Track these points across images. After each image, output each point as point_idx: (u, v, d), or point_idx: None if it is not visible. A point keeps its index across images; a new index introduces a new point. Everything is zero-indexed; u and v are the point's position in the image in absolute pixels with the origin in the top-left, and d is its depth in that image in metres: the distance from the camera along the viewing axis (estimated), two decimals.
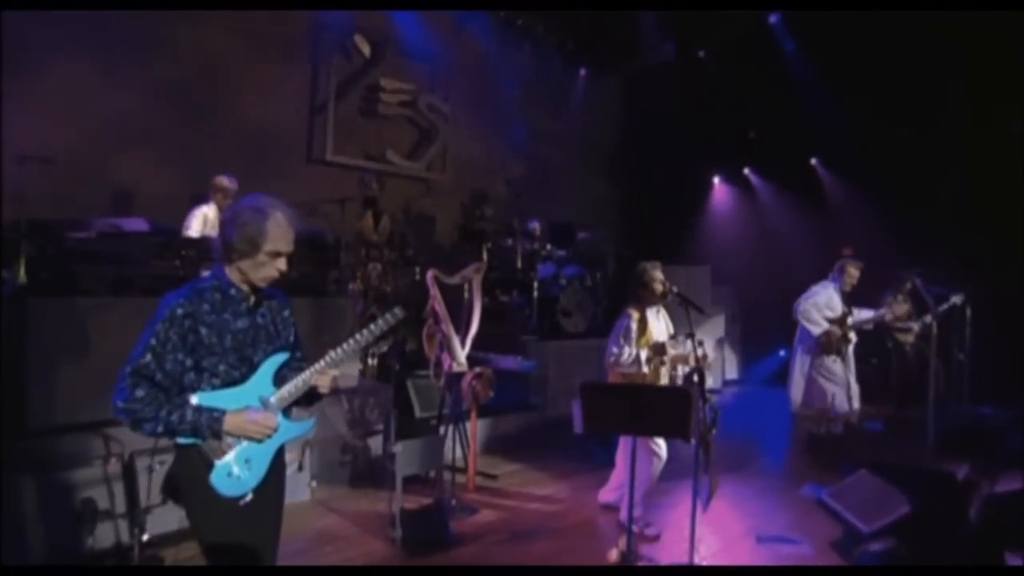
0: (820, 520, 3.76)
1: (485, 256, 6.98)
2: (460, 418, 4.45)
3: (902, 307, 5.32)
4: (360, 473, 4.52)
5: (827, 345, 5.28)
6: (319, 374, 1.95)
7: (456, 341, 3.94)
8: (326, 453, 4.45)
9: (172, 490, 1.93)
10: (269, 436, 1.88)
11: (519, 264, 6.79)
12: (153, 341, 1.80)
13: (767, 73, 8.43)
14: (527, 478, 4.69)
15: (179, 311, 1.82)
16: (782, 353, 9.20)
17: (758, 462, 5.27)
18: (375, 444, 4.63)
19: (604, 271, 7.67)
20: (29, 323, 3.37)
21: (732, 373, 8.95)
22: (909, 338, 6.84)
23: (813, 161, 8.61)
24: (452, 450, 4.15)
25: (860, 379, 5.41)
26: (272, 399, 1.92)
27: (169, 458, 3.29)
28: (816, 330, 5.30)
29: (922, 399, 6.85)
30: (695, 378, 3.14)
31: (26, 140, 4.76)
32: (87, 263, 3.74)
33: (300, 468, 4.02)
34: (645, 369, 3.54)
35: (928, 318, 6.63)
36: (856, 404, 5.43)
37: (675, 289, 3.60)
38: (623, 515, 3.74)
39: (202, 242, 4.12)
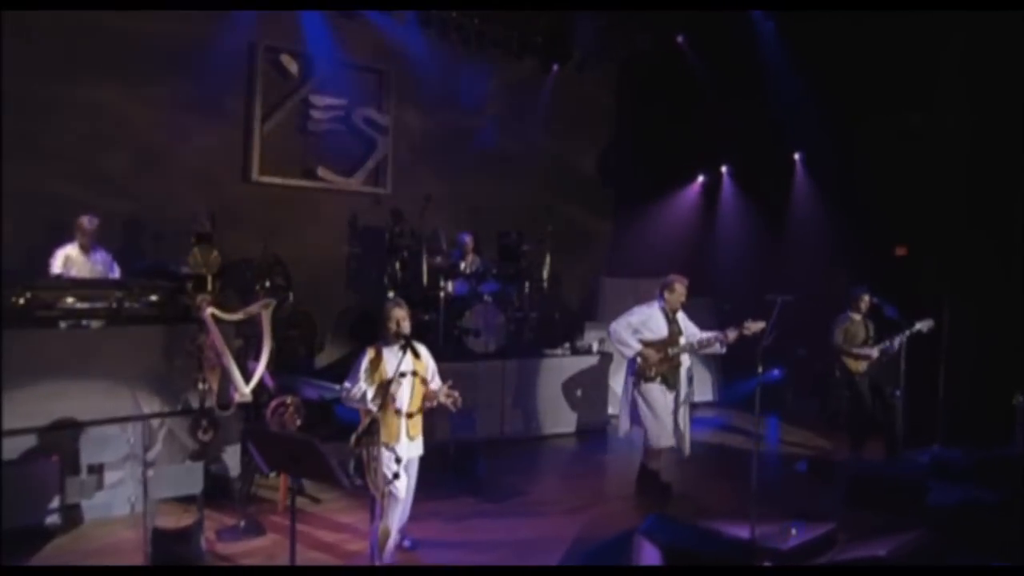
0: None
1: (399, 270, 7.50)
2: None
3: (755, 326, 5.10)
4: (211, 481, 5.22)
5: (643, 369, 5.24)
6: None
7: (236, 373, 4.50)
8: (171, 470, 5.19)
9: None
10: None
11: (425, 281, 7.21)
12: None
13: (750, 62, 8.14)
14: (352, 505, 5.14)
15: None
16: (775, 373, 8.86)
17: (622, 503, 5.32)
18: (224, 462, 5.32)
19: (536, 286, 7.88)
20: None
21: (706, 394, 8.74)
22: (861, 367, 6.43)
23: (796, 156, 8.17)
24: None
25: (829, 413, 5.21)
26: None
27: None
28: (627, 352, 5.28)
29: (878, 436, 6.46)
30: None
31: None
32: None
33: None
34: (372, 406, 3.83)
35: (888, 344, 6.24)
36: (676, 440, 5.34)
37: (405, 332, 3.91)
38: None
39: (53, 280, 5.01)
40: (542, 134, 9.73)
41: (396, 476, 3.63)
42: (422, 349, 4.11)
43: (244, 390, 4.52)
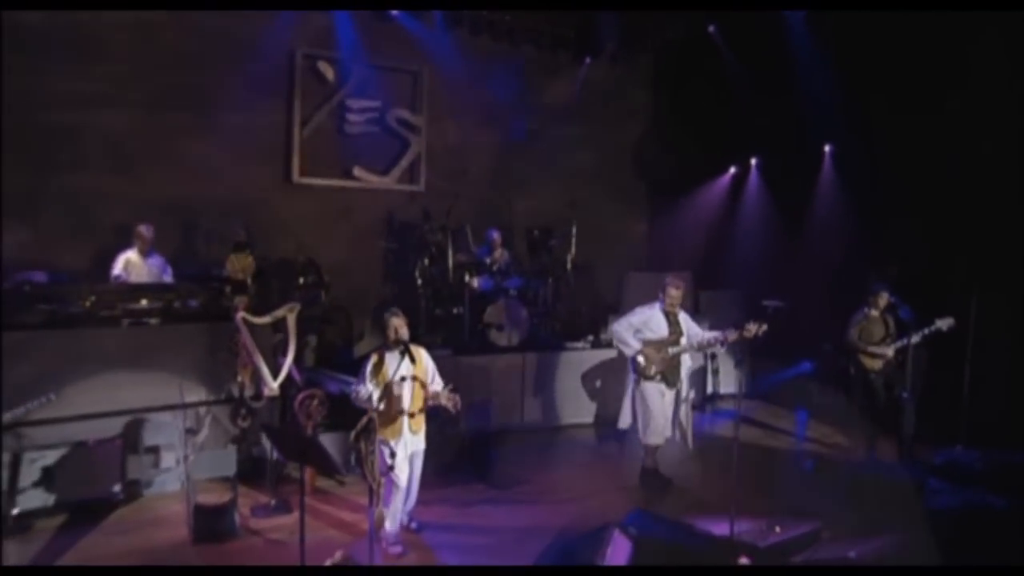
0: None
1: (427, 265, 8.08)
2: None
3: (755, 327, 5.32)
4: (245, 470, 5.99)
5: (643, 368, 5.56)
6: None
7: (265, 370, 5.17)
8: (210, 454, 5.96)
9: None
10: None
11: (451, 277, 7.74)
12: None
13: (781, 51, 8.17)
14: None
15: None
16: (805, 366, 8.99)
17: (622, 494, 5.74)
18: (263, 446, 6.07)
19: (560, 280, 8.28)
20: None
21: (731, 386, 8.95)
22: (876, 364, 6.55)
23: (827, 148, 8.18)
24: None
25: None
26: None
27: (48, 454, 5.06)
28: (628, 351, 5.60)
29: (893, 434, 6.59)
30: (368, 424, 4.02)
31: None
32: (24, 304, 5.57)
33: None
34: (377, 405, 4.40)
35: (905, 342, 6.34)
36: (679, 435, 5.64)
37: (404, 339, 4.44)
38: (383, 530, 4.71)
39: (109, 283, 5.81)
40: (575, 128, 10.02)
41: (391, 468, 4.19)
42: (422, 353, 4.64)
43: (272, 385, 5.19)
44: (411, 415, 4.49)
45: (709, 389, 8.74)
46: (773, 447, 7.12)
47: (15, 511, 4.85)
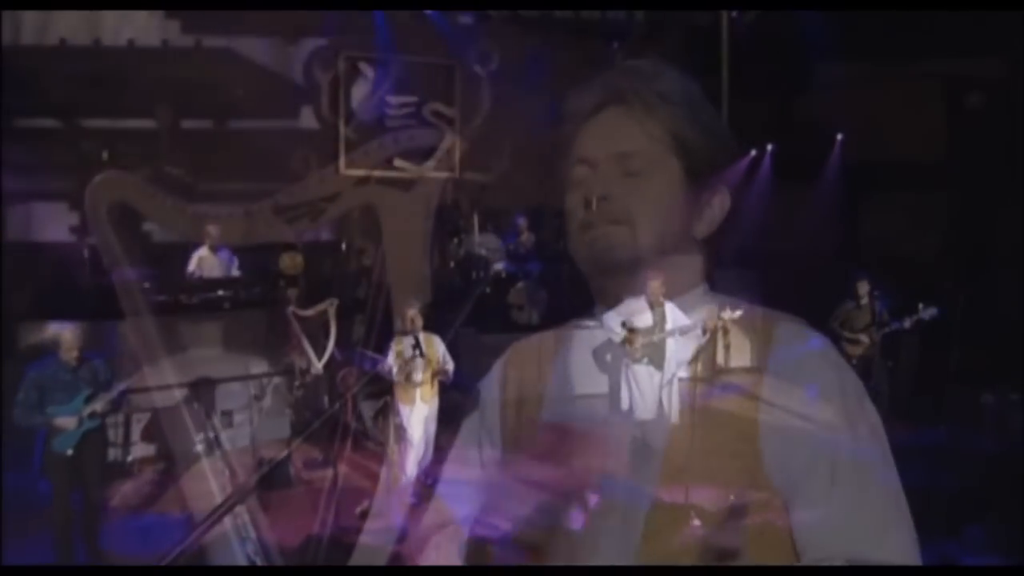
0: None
1: (457, 248, 9.23)
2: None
3: (734, 315, 6.16)
4: (300, 431, 7.44)
5: (629, 352, 6.52)
6: None
7: (312, 353, 6.50)
8: (278, 414, 7.45)
9: None
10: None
11: (476, 261, 8.87)
12: None
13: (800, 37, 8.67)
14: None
15: None
16: (815, 343, 9.70)
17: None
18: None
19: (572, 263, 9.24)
20: None
21: (744, 361, 9.72)
22: (857, 350, 7.29)
23: (839, 136, 8.68)
24: None
25: None
26: None
27: (148, 415, 6.64)
28: (615, 338, 6.56)
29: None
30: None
31: None
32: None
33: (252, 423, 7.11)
34: (397, 376, 5.68)
35: (887, 332, 7.06)
36: (665, 412, 6.60)
37: (417, 327, 5.64)
38: (400, 484, 6.03)
39: (190, 280, 7.29)
40: None
41: (400, 439, 5.46)
42: (433, 338, 5.85)
43: (317, 366, 6.54)
44: (422, 386, 5.75)
45: (720, 361, 9.56)
46: (762, 420, 7.98)
47: (129, 459, 6.44)
